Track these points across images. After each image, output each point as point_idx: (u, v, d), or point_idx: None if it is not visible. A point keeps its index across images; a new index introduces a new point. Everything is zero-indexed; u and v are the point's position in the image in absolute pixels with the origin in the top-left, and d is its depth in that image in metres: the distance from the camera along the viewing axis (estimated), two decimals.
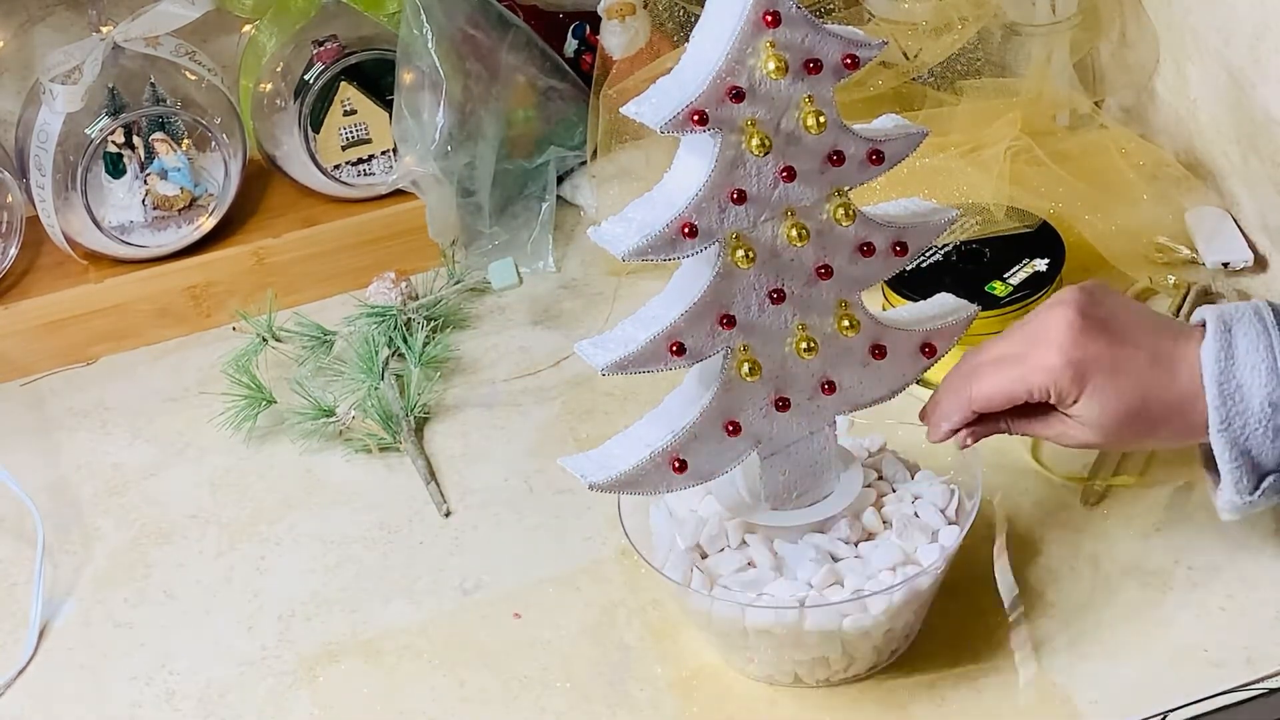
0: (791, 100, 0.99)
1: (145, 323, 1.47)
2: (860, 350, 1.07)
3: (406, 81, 1.46)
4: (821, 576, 1.07)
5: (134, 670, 1.17)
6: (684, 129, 0.96)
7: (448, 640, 1.17)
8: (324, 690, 1.14)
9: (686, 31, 1.51)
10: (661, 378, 1.04)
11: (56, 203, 1.43)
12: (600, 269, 1.49)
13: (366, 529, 1.27)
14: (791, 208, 1.01)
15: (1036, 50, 1.50)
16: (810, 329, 1.05)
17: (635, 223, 0.99)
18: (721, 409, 1.04)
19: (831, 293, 1.05)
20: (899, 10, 1.50)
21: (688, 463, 1.04)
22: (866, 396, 1.09)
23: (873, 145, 1.02)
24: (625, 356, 1.01)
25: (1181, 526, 1.18)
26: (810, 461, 1.09)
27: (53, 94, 1.40)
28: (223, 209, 1.48)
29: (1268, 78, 1.32)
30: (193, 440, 1.37)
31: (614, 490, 1.04)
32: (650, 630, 1.15)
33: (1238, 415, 1.02)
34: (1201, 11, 1.40)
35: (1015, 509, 1.20)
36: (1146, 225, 1.41)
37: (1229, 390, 1.02)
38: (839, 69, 0.99)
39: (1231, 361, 1.02)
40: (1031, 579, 1.15)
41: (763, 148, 0.97)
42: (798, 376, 1.06)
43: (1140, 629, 1.11)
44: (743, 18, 0.95)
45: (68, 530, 1.29)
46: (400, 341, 1.39)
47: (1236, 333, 1.02)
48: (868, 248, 1.05)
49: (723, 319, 1.01)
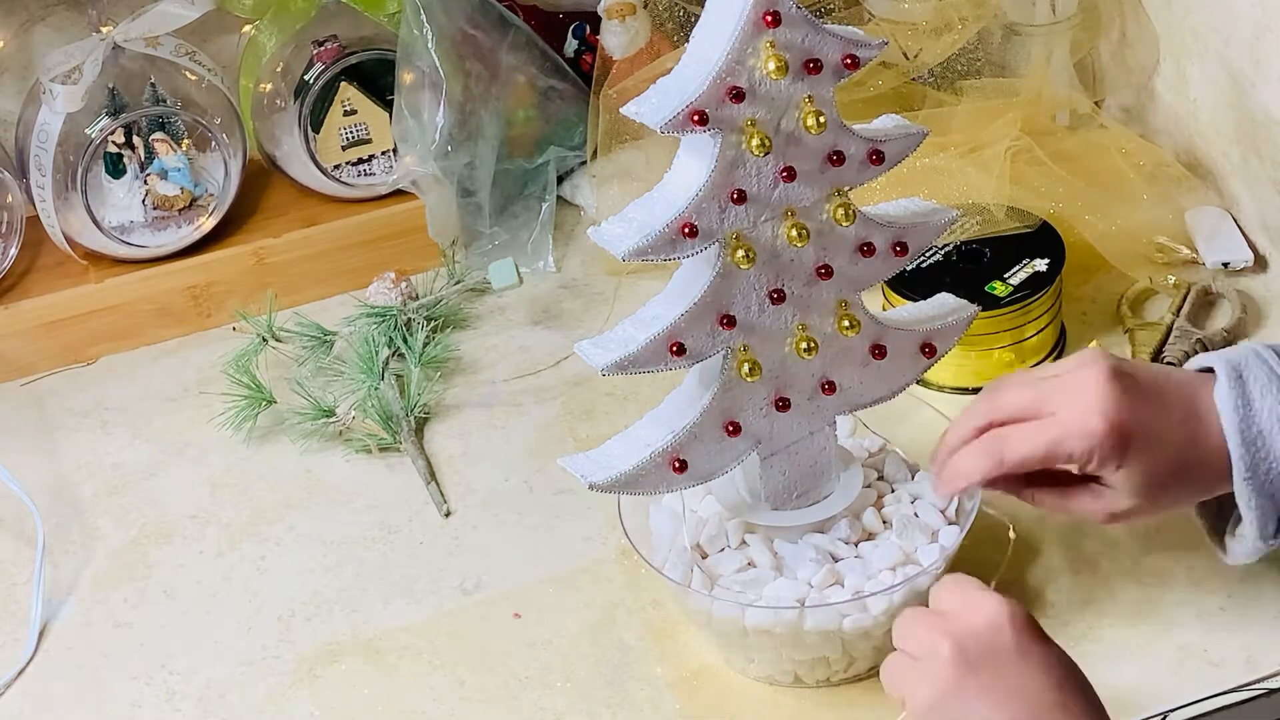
0: (791, 100, 0.99)
1: (145, 323, 1.47)
2: (860, 350, 1.07)
3: (406, 81, 1.46)
4: (821, 576, 1.07)
5: (134, 670, 1.17)
6: (684, 129, 0.96)
7: (448, 640, 1.17)
8: (324, 690, 1.14)
9: (686, 31, 1.50)
10: (661, 378, 1.05)
11: (56, 203, 1.43)
12: (600, 269, 1.49)
13: (366, 529, 1.27)
14: (792, 208, 1.01)
15: (1036, 50, 1.50)
16: (810, 329, 1.05)
17: (635, 223, 0.99)
18: (721, 409, 1.04)
19: (831, 293, 1.05)
20: (899, 10, 1.50)
21: (688, 463, 1.04)
22: (867, 396, 1.09)
23: (873, 145, 1.02)
24: (625, 357, 1.00)
25: (1181, 526, 1.18)
26: (810, 461, 1.09)
27: (53, 94, 1.40)
28: (223, 209, 1.48)
29: (1268, 78, 1.32)
30: (193, 440, 1.37)
31: (614, 490, 1.04)
32: (650, 630, 1.15)
33: (1262, 461, 1.00)
34: (1201, 11, 1.40)
35: (1015, 509, 1.20)
36: (1146, 225, 1.41)
37: (1250, 437, 1.00)
38: (839, 69, 1.00)
39: (1249, 408, 1.00)
40: (1031, 579, 1.15)
41: (763, 148, 0.97)
42: (798, 376, 1.06)
43: (1140, 629, 1.11)
44: (743, 18, 0.95)
45: (68, 530, 1.29)
46: (400, 341, 1.39)
47: (1248, 379, 1.01)
48: (868, 248, 1.05)
49: (723, 319, 1.01)
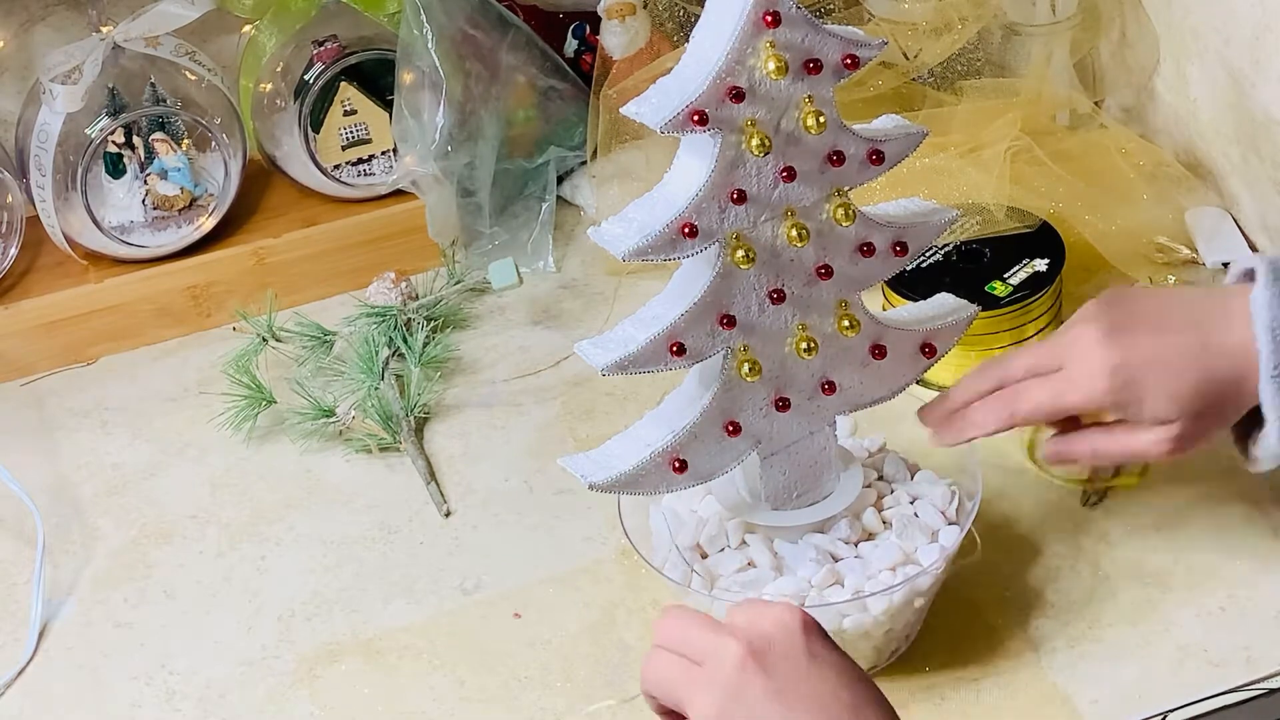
0: (791, 100, 0.99)
1: (145, 323, 1.47)
2: (860, 350, 1.07)
3: (406, 81, 1.46)
4: (821, 576, 1.07)
5: (134, 670, 1.17)
6: (684, 129, 0.96)
7: (448, 640, 1.17)
8: (324, 690, 1.14)
9: (686, 31, 1.50)
10: (661, 378, 1.05)
11: (56, 203, 1.43)
12: (600, 269, 1.49)
13: (366, 529, 1.27)
14: (791, 208, 1.01)
15: (1036, 50, 1.50)
16: (810, 329, 1.05)
17: (635, 223, 0.99)
18: (721, 409, 1.04)
19: (831, 293, 1.05)
20: (899, 10, 1.50)
21: (688, 462, 1.04)
22: (867, 397, 1.09)
23: (873, 145, 1.02)
24: (625, 357, 1.00)
25: (1181, 526, 1.18)
26: (810, 462, 1.09)
27: (53, 94, 1.40)
28: (223, 209, 1.48)
29: (1268, 78, 1.32)
30: (193, 440, 1.37)
31: (614, 490, 1.04)
32: (650, 630, 1.15)
33: None
34: (1201, 11, 1.40)
35: (1015, 509, 1.20)
36: (1146, 225, 1.41)
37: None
38: (839, 69, 0.99)
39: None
40: (1031, 579, 1.15)
41: (763, 148, 0.97)
42: (798, 376, 1.06)
43: (1140, 629, 1.11)
44: (743, 18, 0.95)
45: (68, 530, 1.29)
46: (400, 342, 1.39)
47: None
48: (868, 248, 1.05)
49: (723, 319, 1.01)
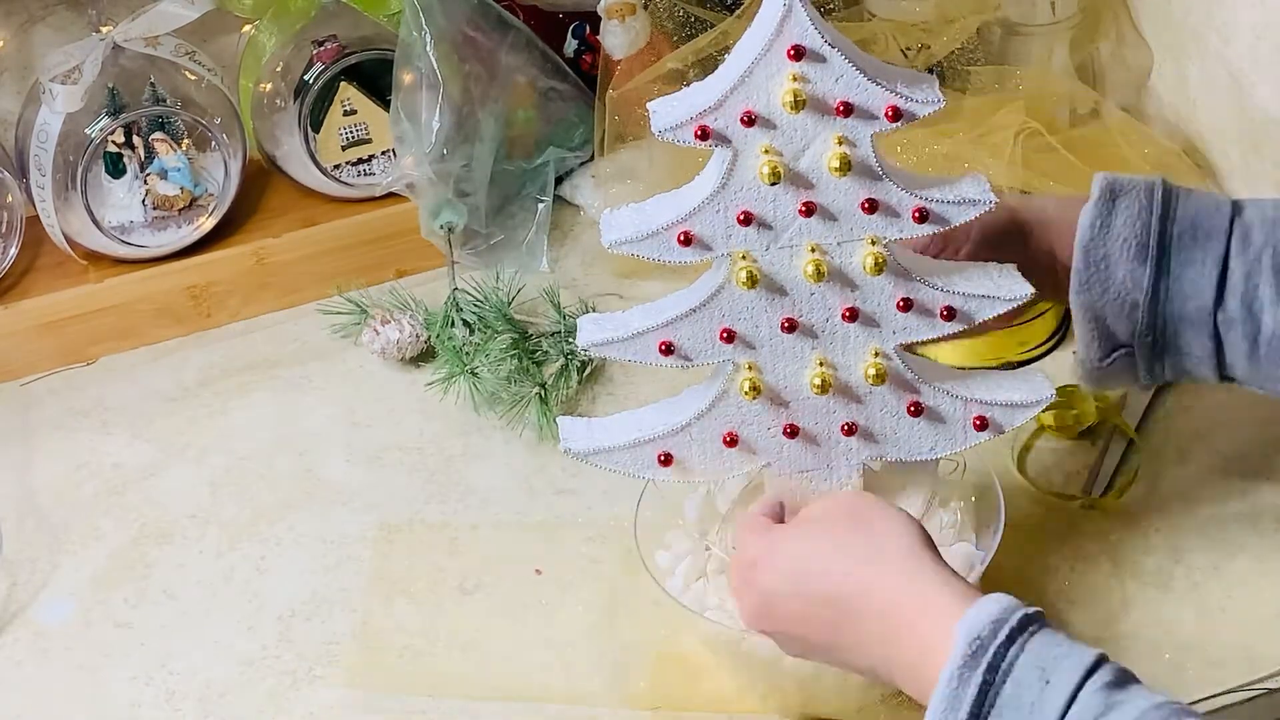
0: (817, 136, 0.96)
1: (145, 323, 1.47)
2: (895, 402, 1.03)
3: (405, 82, 1.46)
4: None
5: (134, 670, 1.17)
6: (682, 138, 0.96)
7: (448, 640, 1.17)
8: (324, 690, 1.14)
9: (686, 31, 1.51)
10: (672, 378, 1.04)
11: (56, 203, 1.43)
12: (600, 269, 1.49)
13: (366, 529, 1.27)
14: (816, 244, 0.99)
15: (1036, 50, 1.50)
16: (832, 367, 1.02)
17: (642, 213, 0.99)
18: (720, 419, 1.03)
19: (862, 337, 1.01)
20: (899, 10, 1.50)
21: (674, 457, 1.04)
22: (903, 451, 1.05)
23: (921, 204, 0.98)
24: (610, 339, 1.01)
25: (1181, 526, 1.18)
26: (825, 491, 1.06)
27: (53, 94, 1.40)
28: (223, 209, 1.48)
29: (1268, 78, 1.32)
30: (193, 440, 1.37)
31: (588, 460, 1.04)
32: (650, 631, 1.15)
33: (1098, 283, 1.03)
34: (1201, 11, 1.40)
35: (1015, 508, 1.20)
36: None
37: (1095, 259, 1.03)
38: (878, 117, 0.96)
39: (1106, 232, 1.03)
40: (1032, 579, 1.15)
41: (773, 176, 0.96)
42: (814, 410, 1.03)
43: (1140, 629, 1.11)
44: (766, 47, 0.94)
45: (68, 530, 1.29)
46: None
47: (1120, 205, 1.03)
48: (905, 303, 1.00)
49: (724, 333, 1.00)
